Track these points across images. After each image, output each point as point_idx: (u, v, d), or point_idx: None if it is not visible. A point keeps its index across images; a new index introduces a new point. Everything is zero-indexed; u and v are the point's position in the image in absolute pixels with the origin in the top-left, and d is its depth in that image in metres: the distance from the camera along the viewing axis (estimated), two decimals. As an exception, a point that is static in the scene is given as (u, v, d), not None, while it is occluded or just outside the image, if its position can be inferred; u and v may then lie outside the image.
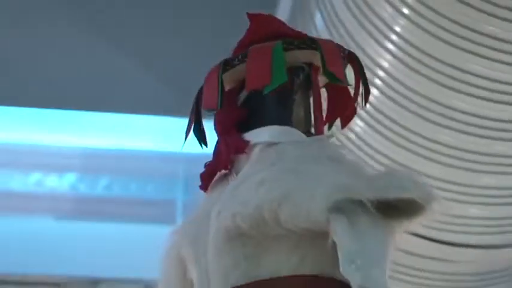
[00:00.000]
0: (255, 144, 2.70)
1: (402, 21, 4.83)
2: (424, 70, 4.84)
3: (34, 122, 8.00)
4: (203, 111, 2.86)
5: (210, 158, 7.82)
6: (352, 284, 2.35)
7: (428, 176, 4.80)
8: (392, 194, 2.42)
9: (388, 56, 4.67)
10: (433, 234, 5.31)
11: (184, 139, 2.87)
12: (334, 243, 2.46)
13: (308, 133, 2.77)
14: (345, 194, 2.42)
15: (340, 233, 2.38)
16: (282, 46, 2.72)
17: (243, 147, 2.72)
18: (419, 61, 4.80)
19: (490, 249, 6.03)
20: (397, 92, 4.69)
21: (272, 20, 3.03)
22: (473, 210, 5.71)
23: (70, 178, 8.60)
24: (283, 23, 3.07)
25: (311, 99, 2.88)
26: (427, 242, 5.03)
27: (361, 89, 2.87)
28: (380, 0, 4.97)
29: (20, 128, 7.82)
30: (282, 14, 6.72)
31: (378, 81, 4.90)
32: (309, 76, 2.77)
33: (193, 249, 2.70)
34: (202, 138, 2.92)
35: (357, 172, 2.60)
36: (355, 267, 2.35)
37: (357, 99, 2.83)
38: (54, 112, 8.04)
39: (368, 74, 3.13)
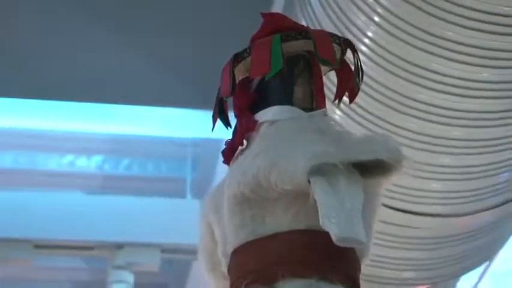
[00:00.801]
0: (262, 123, 2.69)
1: (373, 27, 4.85)
2: (391, 67, 4.81)
3: (68, 113, 8.04)
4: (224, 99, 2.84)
5: (213, 143, 7.83)
6: (331, 235, 2.31)
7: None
8: (365, 157, 2.43)
9: (362, 57, 4.50)
10: (399, 205, 5.28)
11: (213, 123, 2.84)
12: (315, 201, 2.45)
13: (308, 110, 2.73)
14: (320, 160, 2.40)
15: (318, 192, 2.36)
16: (280, 39, 2.70)
17: (253, 126, 2.70)
18: (387, 60, 4.79)
19: (447, 217, 5.92)
20: (369, 86, 4.67)
21: (280, 17, 3.00)
22: (434, 185, 5.63)
23: (97, 160, 8.70)
24: (289, 19, 3.04)
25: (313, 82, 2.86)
26: (394, 211, 5.04)
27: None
28: (354, 10, 4.92)
29: (55, 119, 7.81)
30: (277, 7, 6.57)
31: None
32: (309, 62, 2.75)
33: (215, 215, 2.71)
34: (226, 121, 2.84)
35: (339, 140, 2.56)
36: (333, 220, 2.32)
37: (354, 76, 2.81)
38: (85, 105, 7.90)
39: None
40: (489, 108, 5.34)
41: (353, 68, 2.86)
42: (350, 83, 2.82)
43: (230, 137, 2.86)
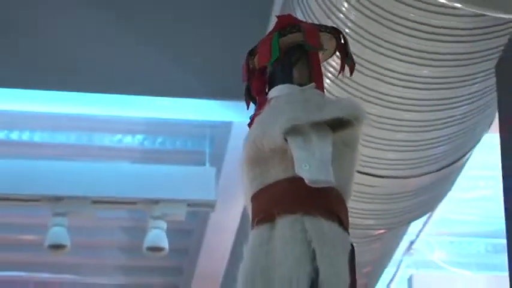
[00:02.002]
0: (270, 99, 2.69)
1: (354, 12, 4.62)
2: (364, 42, 4.68)
3: (117, 103, 7.87)
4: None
5: (226, 124, 8.22)
6: (304, 179, 2.35)
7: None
8: (329, 116, 2.44)
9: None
10: (364, 169, 5.29)
11: (246, 104, 2.85)
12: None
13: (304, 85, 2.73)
14: (291, 123, 2.43)
15: (293, 147, 2.39)
16: (278, 34, 2.68)
17: (264, 102, 2.70)
18: (360, 35, 4.64)
19: (398, 179, 5.91)
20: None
21: (285, 17, 2.94)
22: (389, 155, 5.60)
23: (139, 138, 8.77)
24: (292, 18, 3.00)
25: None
26: (359, 174, 5.01)
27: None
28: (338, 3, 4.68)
29: (108, 107, 7.91)
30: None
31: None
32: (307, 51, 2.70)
33: (242, 170, 2.68)
34: (254, 101, 2.83)
35: (318, 105, 2.53)
36: (304, 168, 2.35)
37: (347, 55, 2.76)
38: (132, 97, 7.73)
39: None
40: (428, 97, 5.19)
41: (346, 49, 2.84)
42: (345, 60, 2.78)
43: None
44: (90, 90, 7.43)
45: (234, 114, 7.37)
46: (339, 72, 2.86)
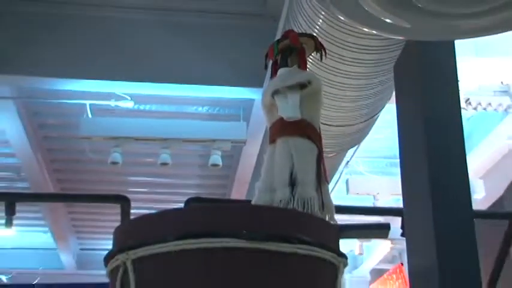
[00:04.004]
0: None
1: (321, 17, 4.53)
2: (328, 41, 4.45)
3: (194, 90, 7.95)
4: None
5: (251, 100, 8.03)
6: (283, 117, 2.27)
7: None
8: (295, 82, 2.29)
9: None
10: (324, 122, 5.04)
11: (271, 75, 2.53)
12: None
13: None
14: (273, 88, 2.35)
15: (277, 101, 2.30)
16: (276, 42, 2.49)
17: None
18: (326, 38, 4.42)
19: (343, 127, 5.78)
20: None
21: (288, 31, 2.67)
22: (338, 114, 5.40)
23: (206, 108, 9.07)
24: (289, 30, 2.76)
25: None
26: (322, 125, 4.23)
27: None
28: (311, 15, 4.61)
29: (189, 91, 8.03)
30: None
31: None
32: (299, 50, 2.48)
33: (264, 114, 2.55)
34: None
35: (293, 76, 2.37)
36: (282, 111, 2.27)
37: (319, 47, 2.54)
38: (189, 86, 7.73)
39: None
40: (356, 82, 5.06)
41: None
42: (320, 50, 2.54)
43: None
44: (178, 82, 7.47)
45: (255, 95, 7.39)
46: (320, 55, 2.58)
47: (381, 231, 1.82)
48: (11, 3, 6.72)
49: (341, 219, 2.40)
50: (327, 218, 2.10)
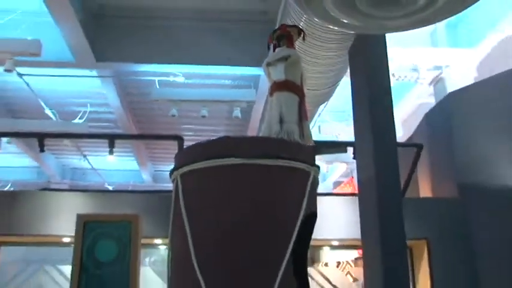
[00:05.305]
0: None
1: (302, 23, 4.18)
2: (308, 32, 4.07)
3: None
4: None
5: (257, 76, 7.50)
6: (274, 79, 2.14)
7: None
8: (280, 56, 2.12)
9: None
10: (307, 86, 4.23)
11: (271, 49, 2.27)
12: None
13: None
14: (267, 61, 2.18)
15: (270, 70, 2.14)
16: (273, 31, 2.26)
17: None
18: (307, 30, 4.01)
19: (316, 91, 5.37)
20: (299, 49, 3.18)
21: (283, 25, 2.36)
22: (311, 81, 4.95)
23: (226, 81, 8.46)
24: (283, 24, 2.41)
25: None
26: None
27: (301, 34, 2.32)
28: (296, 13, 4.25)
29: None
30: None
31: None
32: (287, 36, 2.22)
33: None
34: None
35: (280, 53, 2.16)
36: (275, 76, 2.10)
37: (300, 33, 2.29)
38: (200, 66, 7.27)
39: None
40: (326, 61, 4.74)
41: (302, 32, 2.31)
42: (301, 36, 2.29)
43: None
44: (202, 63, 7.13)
45: (261, 71, 6.18)
46: (303, 39, 2.31)
47: (341, 147, 1.85)
48: (111, 16, 6.91)
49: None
50: (307, 144, 1.99)
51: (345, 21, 2.08)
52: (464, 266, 4.53)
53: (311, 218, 1.63)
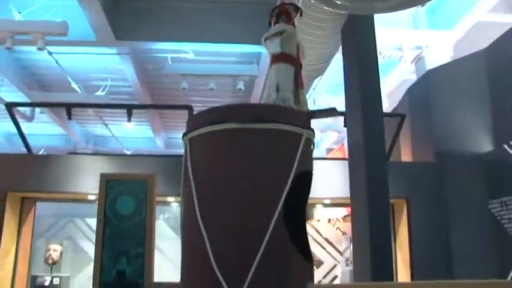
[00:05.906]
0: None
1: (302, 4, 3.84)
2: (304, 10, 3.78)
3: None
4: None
5: (258, 53, 7.44)
6: (272, 50, 2.03)
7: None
8: (275, 32, 2.02)
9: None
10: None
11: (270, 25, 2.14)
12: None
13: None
14: (265, 36, 2.07)
15: (267, 43, 2.03)
16: (272, 10, 2.12)
17: None
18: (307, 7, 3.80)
19: (314, 65, 5.12)
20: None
21: (281, 3, 2.22)
22: (307, 59, 4.63)
23: (232, 58, 8.21)
24: (282, 3, 2.28)
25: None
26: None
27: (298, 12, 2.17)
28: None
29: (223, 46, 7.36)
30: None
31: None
32: (286, 13, 2.09)
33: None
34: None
35: (278, 28, 2.06)
36: (272, 49, 2.01)
37: (297, 10, 2.16)
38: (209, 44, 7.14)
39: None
40: (321, 39, 4.45)
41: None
42: (299, 13, 2.17)
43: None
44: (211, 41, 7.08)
45: (263, 49, 6.17)
46: (300, 15, 2.17)
47: (334, 112, 1.77)
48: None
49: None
50: (302, 109, 1.93)
51: (338, 2, 1.98)
52: (438, 221, 4.68)
53: (306, 175, 1.61)
